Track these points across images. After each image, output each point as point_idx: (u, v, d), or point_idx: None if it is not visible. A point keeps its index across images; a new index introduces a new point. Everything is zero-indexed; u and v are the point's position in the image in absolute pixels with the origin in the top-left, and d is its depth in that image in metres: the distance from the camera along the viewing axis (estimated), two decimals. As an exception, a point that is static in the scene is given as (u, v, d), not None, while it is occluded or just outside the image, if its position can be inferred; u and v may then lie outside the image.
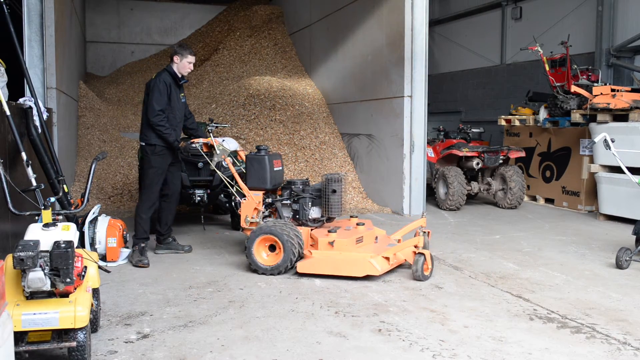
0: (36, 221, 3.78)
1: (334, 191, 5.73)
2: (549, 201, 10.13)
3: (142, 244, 6.04)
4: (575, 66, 9.82)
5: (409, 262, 5.53)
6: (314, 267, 5.38)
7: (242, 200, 5.99)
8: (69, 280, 3.23)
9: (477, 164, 9.57)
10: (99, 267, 4.05)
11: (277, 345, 3.83)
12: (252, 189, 6.00)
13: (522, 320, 4.33)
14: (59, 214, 3.85)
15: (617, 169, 7.65)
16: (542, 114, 10.12)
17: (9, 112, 4.68)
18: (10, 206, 3.83)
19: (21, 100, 5.55)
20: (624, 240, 6.92)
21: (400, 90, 8.94)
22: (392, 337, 3.99)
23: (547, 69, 10.09)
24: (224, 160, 6.24)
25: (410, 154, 8.90)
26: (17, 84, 6.43)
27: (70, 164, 9.35)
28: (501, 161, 9.67)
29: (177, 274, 5.58)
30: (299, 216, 5.92)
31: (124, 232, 6.06)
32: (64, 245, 3.23)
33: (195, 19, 17.06)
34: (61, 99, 8.13)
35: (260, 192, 5.98)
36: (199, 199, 7.25)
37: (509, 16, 13.49)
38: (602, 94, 8.67)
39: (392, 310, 4.53)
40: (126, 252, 6.16)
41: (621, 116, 8.38)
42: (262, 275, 5.48)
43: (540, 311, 4.53)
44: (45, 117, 5.84)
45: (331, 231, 5.53)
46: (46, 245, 3.28)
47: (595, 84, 9.30)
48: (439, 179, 9.61)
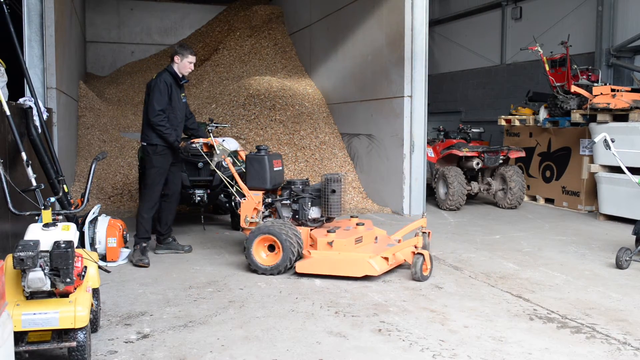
0: (36, 221, 3.78)
1: (333, 191, 5.73)
2: (549, 201, 10.13)
3: (143, 244, 6.05)
4: (575, 66, 9.82)
5: (408, 262, 5.53)
6: (313, 267, 5.38)
7: (241, 200, 6.00)
8: (69, 280, 3.23)
9: (477, 164, 9.57)
10: (99, 267, 4.05)
11: (277, 345, 3.83)
12: (252, 189, 6.00)
13: (522, 320, 4.33)
14: (59, 214, 3.85)
15: (617, 169, 7.65)
16: (542, 114, 10.12)
17: (9, 112, 4.68)
18: (10, 206, 3.83)
19: (21, 100, 5.55)
20: (624, 240, 6.92)
21: (400, 90, 8.94)
22: (392, 337, 3.99)
23: (547, 69, 10.09)
24: (224, 160, 6.24)
25: (410, 154, 8.90)
26: (17, 84, 6.43)
27: (70, 164, 9.35)
28: (501, 161, 9.67)
29: (177, 274, 5.58)
30: (298, 216, 5.92)
31: (124, 232, 6.06)
32: (64, 245, 3.23)
33: (195, 19, 17.07)
34: (61, 99, 8.13)
35: (260, 192, 5.98)
36: (199, 199, 7.25)
37: (509, 16, 13.49)
38: (602, 94, 8.67)
39: (392, 310, 4.53)
40: (126, 252, 6.16)
41: (621, 116, 8.38)
42: (262, 275, 5.48)
43: (540, 311, 4.53)
44: (45, 117, 5.84)
45: (330, 231, 5.52)
46: (46, 245, 3.28)
47: (595, 84, 9.29)
48: (439, 179, 9.61)
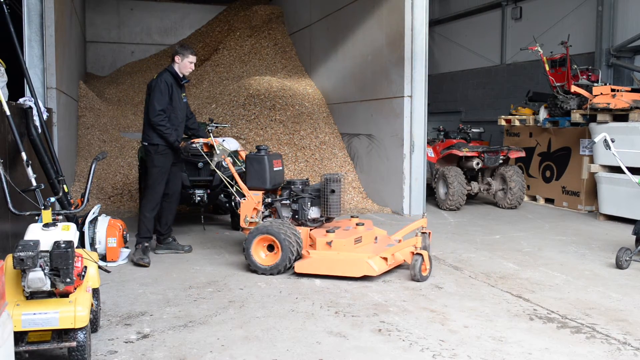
0: (36, 221, 3.78)
1: (333, 191, 5.73)
2: (549, 201, 10.13)
3: (145, 243, 6.06)
4: (575, 66, 9.82)
5: (407, 262, 5.53)
6: (312, 267, 5.38)
7: (241, 200, 6.00)
8: (69, 280, 3.23)
9: (477, 164, 9.57)
10: (99, 267, 4.05)
11: (277, 345, 3.83)
12: (251, 188, 6.00)
13: (522, 320, 4.33)
14: (59, 214, 3.85)
15: (617, 169, 7.65)
16: (542, 114, 10.12)
17: (9, 112, 4.68)
18: (10, 206, 3.83)
19: (21, 100, 5.55)
20: (624, 240, 6.92)
21: (400, 90, 8.94)
22: (392, 337, 3.99)
23: (547, 69, 10.09)
24: (224, 160, 6.24)
25: (410, 154, 8.90)
26: (17, 84, 6.43)
27: (70, 164, 9.35)
28: (501, 161, 9.67)
29: (177, 274, 5.58)
30: (298, 216, 5.92)
31: (124, 232, 6.06)
32: (64, 245, 3.23)
33: (195, 19, 17.07)
34: (61, 99, 8.13)
35: (259, 192, 5.98)
36: (199, 199, 7.25)
37: (509, 16, 13.49)
38: (602, 94, 8.67)
39: (392, 310, 4.53)
40: (126, 252, 6.16)
41: (621, 116, 8.38)
42: (262, 275, 5.47)
43: (540, 311, 4.53)
44: (45, 117, 5.85)
45: (329, 231, 5.52)
46: (46, 245, 3.28)
47: (595, 84, 9.30)
48: (439, 179, 9.61)
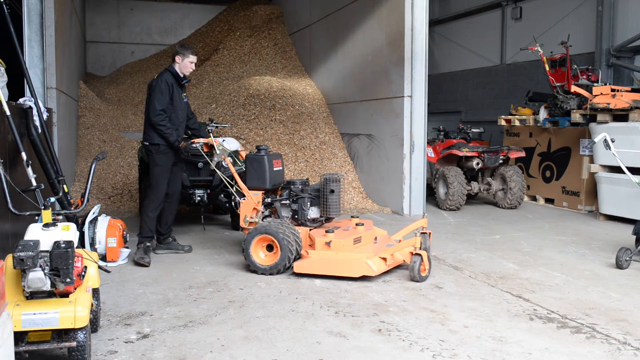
0: (36, 221, 3.77)
1: (332, 191, 5.73)
2: (549, 201, 10.13)
3: (147, 243, 6.06)
4: (575, 66, 9.82)
5: (407, 263, 5.53)
6: (311, 267, 5.38)
7: (241, 200, 6.00)
8: (69, 280, 3.23)
9: (477, 164, 9.57)
10: (99, 267, 4.04)
11: (277, 345, 3.83)
12: (251, 188, 6.00)
13: (522, 320, 4.33)
14: (59, 214, 3.85)
15: (617, 169, 7.65)
16: (542, 114, 10.12)
17: (9, 112, 4.68)
18: (10, 206, 3.83)
19: (21, 100, 5.55)
20: (624, 240, 6.92)
21: (400, 90, 8.94)
22: (392, 337, 3.99)
23: (547, 69, 10.09)
24: (224, 160, 6.24)
25: (410, 154, 8.90)
26: (17, 84, 6.43)
27: (70, 164, 9.35)
28: (501, 161, 9.67)
29: (177, 274, 5.58)
30: (297, 216, 5.92)
31: (124, 232, 6.06)
32: (64, 245, 3.23)
33: (195, 19, 17.07)
34: (61, 99, 8.13)
35: (259, 192, 5.98)
36: (199, 199, 7.25)
37: (509, 16, 13.49)
38: (602, 94, 8.67)
39: (392, 310, 4.53)
40: (126, 252, 6.16)
41: (621, 116, 8.38)
42: (262, 275, 5.47)
43: (540, 311, 4.53)
44: (45, 117, 5.85)
45: (329, 231, 5.52)
46: (46, 245, 3.28)
47: (595, 84, 9.30)
48: (439, 179, 9.61)
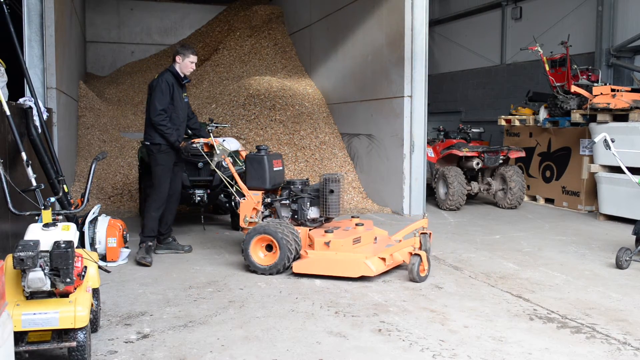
0: (36, 221, 3.77)
1: (332, 191, 5.72)
2: (549, 201, 10.13)
3: (149, 242, 6.07)
4: (575, 66, 9.82)
5: (407, 263, 5.52)
6: (310, 267, 5.38)
7: (241, 200, 6.00)
8: (69, 280, 3.23)
9: (477, 164, 9.57)
10: (99, 267, 4.05)
11: (277, 345, 3.83)
12: (251, 188, 6.00)
13: (522, 320, 4.33)
14: (59, 214, 3.85)
15: (617, 169, 7.65)
16: (542, 114, 10.12)
17: (9, 112, 4.68)
18: (10, 206, 3.83)
19: (21, 100, 5.55)
20: (624, 240, 6.92)
21: (400, 90, 8.94)
22: (392, 337, 3.99)
23: (547, 69, 10.09)
24: (224, 160, 6.24)
25: (410, 154, 8.90)
26: (17, 84, 6.43)
27: (70, 164, 9.35)
28: (501, 161, 9.67)
29: (177, 274, 5.58)
30: (297, 216, 5.92)
31: (124, 232, 6.06)
32: (64, 245, 3.23)
33: (195, 19, 17.07)
34: (61, 99, 8.13)
35: (259, 192, 5.98)
36: (199, 199, 7.25)
37: (509, 16, 13.49)
38: (602, 94, 8.67)
39: (392, 310, 4.53)
40: (126, 252, 6.16)
41: (621, 116, 8.39)
42: (262, 275, 5.47)
43: (540, 311, 4.53)
44: (45, 117, 5.84)
45: (328, 231, 5.52)
46: (46, 245, 3.28)
47: (595, 84, 9.30)
48: (439, 179, 9.61)
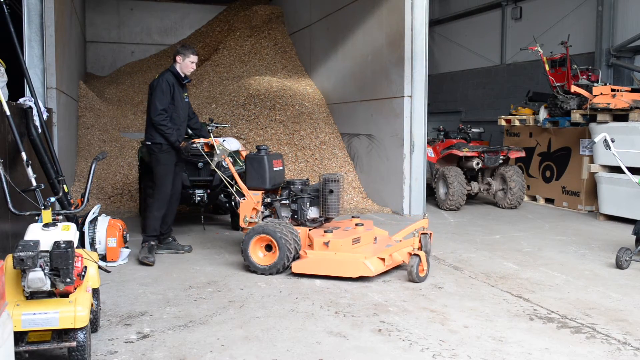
0: (36, 221, 3.77)
1: (331, 191, 5.72)
2: (549, 201, 10.13)
3: (152, 242, 6.07)
4: (575, 66, 9.82)
5: (406, 263, 5.52)
6: (309, 267, 5.38)
7: (241, 200, 6.00)
8: (69, 280, 3.23)
9: (477, 164, 9.57)
10: (99, 267, 4.05)
11: (277, 345, 3.83)
12: (251, 188, 6.00)
13: (522, 320, 4.33)
14: (59, 214, 3.85)
15: (617, 169, 7.65)
16: (542, 114, 10.12)
17: (9, 112, 4.68)
18: (10, 206, 3.83)
19: (21, 100, 5.55)
20: (624, 240, 6.92)
21: (400, 90, 8.94)
22: (392, 337, 3.99)
23: (547, 69, 10.09)
24: (224, 160, 6.24)
25: (410, 154, 8.90)
26: (17, 84, 6.43)
27: (70, 164, 9.35)
28: (501, 161, 9.67)
29: (177, 274, 5.58)
30: (297, 216, 5.92)
31: (124, 232, 6.06)
32: (64, 245, 3.23)
33: (195, 19, 17.07)
34: (61, 99, 8.13)
35: (259, 192, 5.98)
36: (199, 199, 7.25)
37: (509, 16, 13.49)
38: (602, 94, 8.67)
39: (392, 310, 4.53)
40: (126, 252, 6.16)
41: (621, 116, 8.39)
42: (262, 275, 5.47)
43: (540, 311, 4.53)
44: (45, 117, 5.85)
45: (327, 231, 5.52)
46: (46, 245, 3.28)
47: (595, 84, 9.30)
48: (439, 179, 9.61)
